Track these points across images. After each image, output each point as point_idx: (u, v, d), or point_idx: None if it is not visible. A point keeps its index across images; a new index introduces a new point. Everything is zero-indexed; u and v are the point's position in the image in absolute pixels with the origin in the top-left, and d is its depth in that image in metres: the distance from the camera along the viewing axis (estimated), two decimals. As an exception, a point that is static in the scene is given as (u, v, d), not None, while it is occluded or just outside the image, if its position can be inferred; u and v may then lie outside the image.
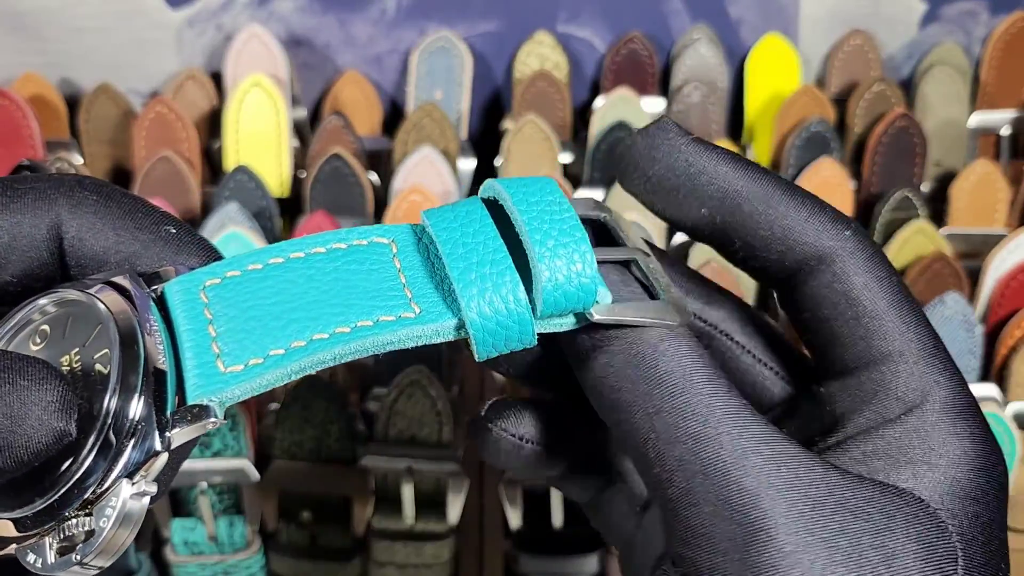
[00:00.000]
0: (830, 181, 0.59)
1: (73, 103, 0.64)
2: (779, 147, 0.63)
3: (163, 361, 0.20)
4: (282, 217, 0.60)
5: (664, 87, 0.67)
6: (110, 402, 0.19)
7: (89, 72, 0.65)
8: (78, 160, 0.61)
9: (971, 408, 0.23)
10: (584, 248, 0.21)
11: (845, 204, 0.59)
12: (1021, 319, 0.51)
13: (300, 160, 0.63)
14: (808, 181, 0.59)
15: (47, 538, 0.19)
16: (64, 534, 0.19)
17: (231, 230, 0.52)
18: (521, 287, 0.21)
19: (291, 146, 0.62)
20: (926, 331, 0.23)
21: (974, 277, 0.54)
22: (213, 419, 0.20)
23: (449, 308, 0.22)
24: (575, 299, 0.22)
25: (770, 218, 0.23)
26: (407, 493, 0.46)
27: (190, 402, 0.20)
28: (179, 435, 0.20)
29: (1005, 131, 0.64)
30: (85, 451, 0.19)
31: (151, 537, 0.48)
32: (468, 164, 0.63)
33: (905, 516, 0.21)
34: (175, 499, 0.47)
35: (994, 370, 0.52)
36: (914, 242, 0.55)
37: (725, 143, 0.61)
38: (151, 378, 0.20)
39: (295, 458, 0.47)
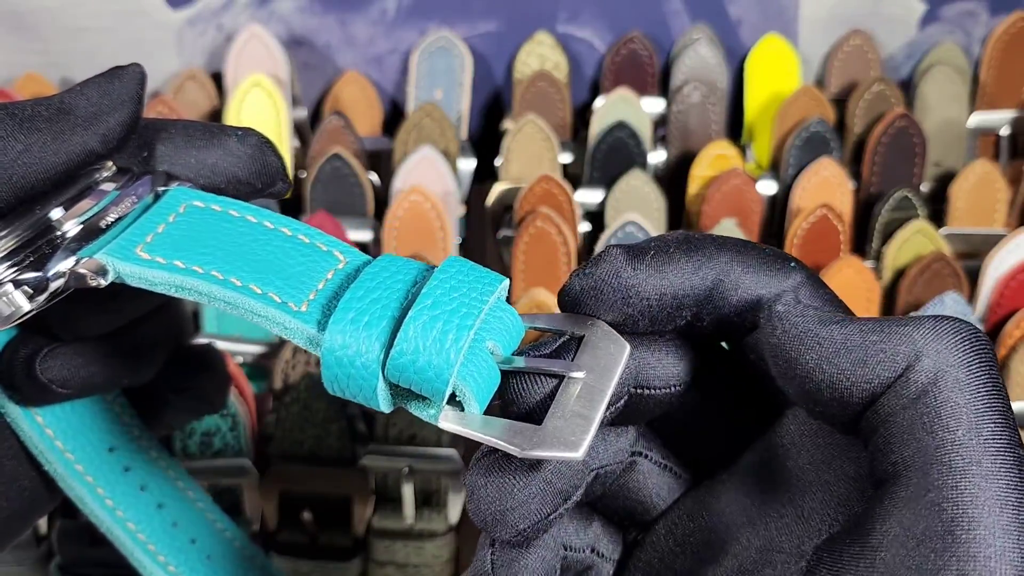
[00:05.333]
0: (830, 181, 0.59)
1: (74, 103, 0.64)
2: (779, 147, 0.63)
3: (109, 222, 0.24)
4: (282, 217, 0.60)
5: (664, 87, 0.67)
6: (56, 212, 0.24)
7: (90, 72, 0.65)
8: (79, 160, 0.61)
9: None
10: (448, 348, 0.21)
11: (845, 204, 0.59)
12: (1021, 319, 0.51)
13: (300, 160, 0.63)
14: (808, 181, 0.59)
15: None
16: None
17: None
18: (378, 355, 0.21)
19: (291, 146, 0.62)
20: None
21: (973, 277, 0.54)
22: (103, 276, 0.23)
23: (323, 324, 0.22)
24: (423, 381, 0.21)
25: (732, 289, 0.23)
26: (407, 492, 0.46)
27: (98, 256, 0.24)
28: (72, 274, 0.24)
29: (1004, 131, 0.64)
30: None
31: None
32: (468, 164, 0.63)
33: None
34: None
35: (993, 370, 0.52)
36: (914, 242, 0.55)
37: (725, 143, 0.61)
38: (95, 226, 0.24)
39: (295, 458, 0.48)
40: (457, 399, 0.22)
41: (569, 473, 0.23)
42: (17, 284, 0.23)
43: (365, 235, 0.58)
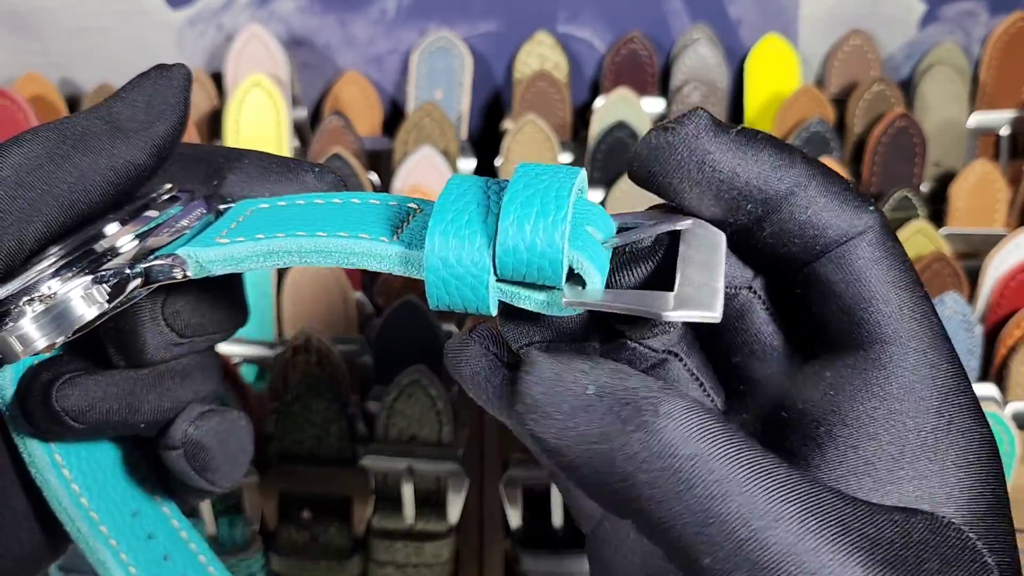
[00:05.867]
0: (830, 181, 0.59)
1: (74, 103, 0.64)
2: (779, 147, 0.63)
3: (179, 228, 0.24)
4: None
5: (664, 87, 0.67)
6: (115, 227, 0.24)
7: (90, 72, 0.65)
8: (79, 160, 0.61)
9: (973, 403, 0.22)
10: (552, 219, 0.21)
11: (845, 204, 0.59)
12: (1020, 319, 0.52)
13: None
14: (808, 181, 0.59)
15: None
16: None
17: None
18: (485, 248, 0.21)
19: (291, 146, 0.62)
20: (926, 320, 0.22)
21: (973, 277, 0.54)
22: (184, 267, 0.23)
23: (417, 245, 0.22)
24: (535, 269, 0.21)
25: (803, 206, 0.22)
26: (407, 493, 0.46)
27: (178, 252, 0.23)
28: (151, 270, 0.23)
29: (1004, 131, 0.64)
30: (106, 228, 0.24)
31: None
32: (468, 164, 0.63)
33: (943, 549, 0.20)
34: (176, 499, 0.48)
35: (993, 370, 0.52)
36: (914, 242, 0.55)
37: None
38: (155, 236, 0.24)
39: (295, 458, 0.48)
40: (575, 272, 0.21)
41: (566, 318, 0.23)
42: (98, 280, 0.23)
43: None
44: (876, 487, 0.21)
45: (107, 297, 0.23)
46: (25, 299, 0.22)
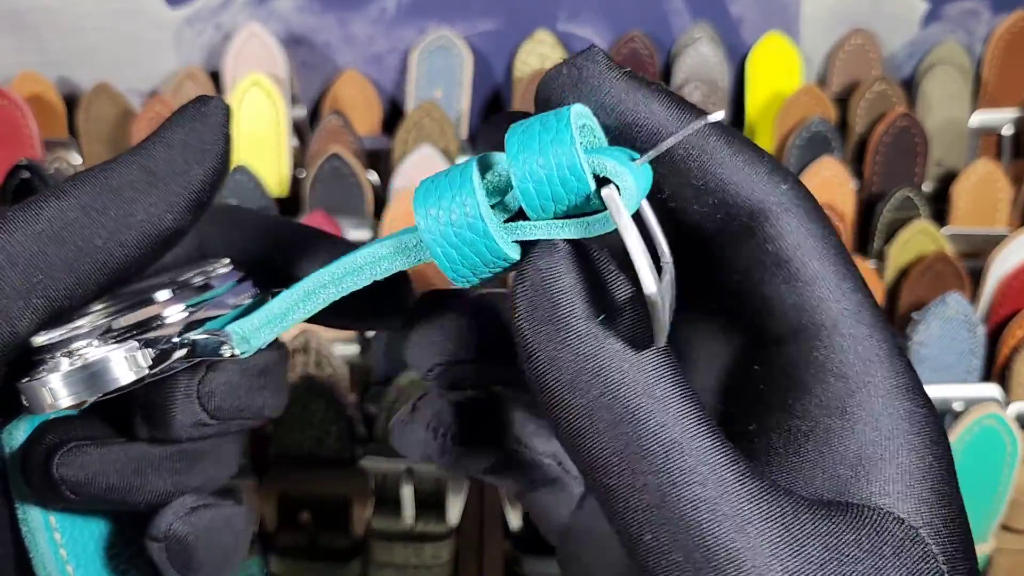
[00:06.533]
0: (831, 180, 0.59)
1: (72, 102, 0.64)
2: (780, 146, 0.62)
3: (219, 306, 0.24)
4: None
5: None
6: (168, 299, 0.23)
7: (88, 71, 0.65)
8: (77, 160, 0.61)
9: (916, 385, 0.20)
10: (555, 130, 0.19)
11: (847, 203, 0.59)
12: (1023, 319, 0.51)
13: (299, 159, 0.63)
14: (809, 180, 0.59)
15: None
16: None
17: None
18: (477, 196, 0.20)
19: (290, 145, 0.62)
20: (863, 299, 0.21)
21: (976, 277, 0.54)
22: (229, 347, 0.23)
23: None
24: (559, 184, 0.19)
25: (704, 166, 0.21)
26: (407, 494, 0.46)
27: (227, 328, 0.23)
28: (197, 343, 0.23)
29: (1006, 130, 0.64)
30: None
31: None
32: (468, 163, 0.63)
33: (889, 547, 0.19)
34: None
35: (996, 370, 0.52)
36: (915, 242, 0.55)
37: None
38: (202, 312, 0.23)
39: (295, 459, 0.47)
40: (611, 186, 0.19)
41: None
42: (143, 344, 0.22)
43: (364, 234, 0.58)
44: (825, 484, 0.20)
45: (150, 363, 0.22)
46: (63, 351, 0.22)
